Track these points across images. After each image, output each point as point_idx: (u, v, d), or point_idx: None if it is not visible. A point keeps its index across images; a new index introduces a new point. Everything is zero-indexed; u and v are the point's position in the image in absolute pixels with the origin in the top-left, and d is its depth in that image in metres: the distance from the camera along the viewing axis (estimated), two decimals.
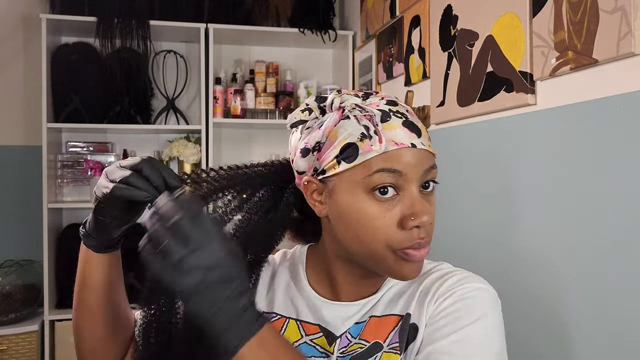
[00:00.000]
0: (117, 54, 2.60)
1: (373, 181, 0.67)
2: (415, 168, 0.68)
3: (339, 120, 0.70)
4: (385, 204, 0.68)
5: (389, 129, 0.68)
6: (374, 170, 0.67)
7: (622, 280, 1.06)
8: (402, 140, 0.68)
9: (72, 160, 2.73)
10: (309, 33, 2.79)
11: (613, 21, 1.06)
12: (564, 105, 1.23)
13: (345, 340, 0.74)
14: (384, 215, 0.68)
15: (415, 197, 0.68)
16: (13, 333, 2.42)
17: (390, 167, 0.67)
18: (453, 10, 1.72)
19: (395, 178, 0.67)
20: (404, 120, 0.69)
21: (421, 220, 0.67)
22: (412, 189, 0.68)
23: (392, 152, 0.67)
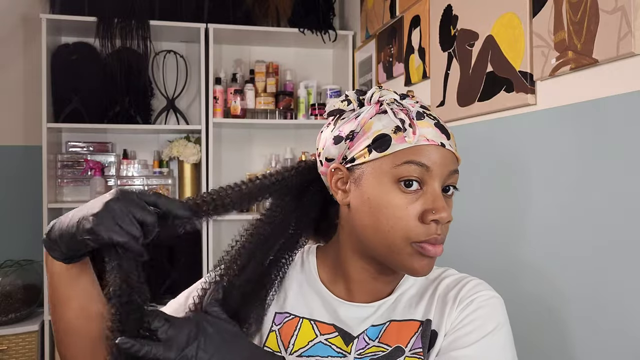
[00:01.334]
0: (117, 54, 2.60)
1: (400, 172, 0.70)
2: (441, 167, 0.71)
3: (375, 113, 0.73)
4: (408, 196, 0.70)
5: (423, 126, 0.71)
6: (403, 162, 0.70)
7: (621, 279, 1.06)
8: (433, 138, 0.71)
9: (72, 160, 2.73)
10: (309, 33, 2.79)
11: (613, 21, 1.06)
12: (564, 105, 1.23)
13: (363, 342, 0.75)
14: (407, 207, 0.70)
15: (438, 194, 0.70)
16: (13, 333, 2.42)
17: (419, 161, 0.69)
18: (453, 10, 1.72)
19: (422, 172, 0.70)
20: (436, 122, 0.73)
21: (440, 216, 0.69)
22: (435, 185, 0.71)
23: (422, 147, 0.70)
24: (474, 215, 1.61)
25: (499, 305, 0.75)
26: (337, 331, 0.76)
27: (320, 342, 0.76)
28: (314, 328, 0.77)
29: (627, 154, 1.05)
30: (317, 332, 0.76)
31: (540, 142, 1.32)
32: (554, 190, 1.26)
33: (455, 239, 1.70)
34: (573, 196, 1.20)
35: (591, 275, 1.14)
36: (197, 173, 2.78)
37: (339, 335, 0.75)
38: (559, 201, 1.24)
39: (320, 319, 0.78)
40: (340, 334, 0.76)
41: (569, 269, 1.20)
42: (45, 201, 2.46)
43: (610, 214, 1.09)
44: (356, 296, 0.79)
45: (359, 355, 0.74)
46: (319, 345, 0.75)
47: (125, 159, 2.79)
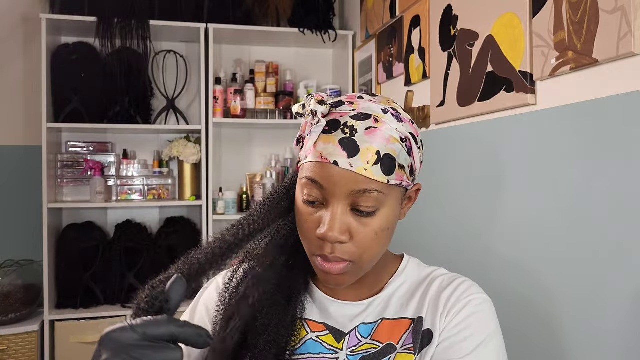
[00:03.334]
0: (117, 54, 2.61)
1: (303, 184, 0.71)
2: (338, 186, 0.68)
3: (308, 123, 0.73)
4: (312, 208, 0.71)
5: (325, 142, 0.68)
6: (304, 176, 0.71)
7: (621, 279, 1.06)
8: (327, 156, 0.68)
9: (72, 160, 2.73)
10: (309, 33, 2.79)
11: (613, 21, 1.06)
12: (564, 105, 1.23)
13: (355, 340, 0.76)
14: (308, 219, 0.71)
15: (333, 213, 0.69)
16: (13, 333, 2.42)
17: (312, 177, 0.69)
18: (453, 10, 1.72)
19: (318, 189, 0.69)
20: (345, 138, 0.68)
21: (324, 234, 0.68)
22: (335, 205, 0.69)
23: (317, 164, 0.69)
24: (474, 215, 1.61)
25: (491, 309, 0.76)
26: (327, 329, 0.77)
27: (311, 339, 0.76)
28: (304, 326, 0.78)
29: (627, 154, 1.05)
30: (307, 330, 0.77)
31: (540, 142, 1.32)
32: (554, 190, 1.26)
33: (455, 239, 1.70)
34: (573, 196, 1.20)
35: (591, 276, 1.14)
36: (197, 173, 2.78)
37: (330, 333, 0.76)
38: (559, 201, 1.24)
39: (311, 317, 0.78)
40: (331, 332, 0.76)
41: (569, 269, 1.20)
42: (45, 201, 2.46)
43: (610, 213, 1.09)
44: (347, 295, 0.79)
45: (352, 352, 0.74)
46: (310, 342, 0.76)
47: (125, 159, 2.79)
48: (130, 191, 2.74)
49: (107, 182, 2.71)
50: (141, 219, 2.83)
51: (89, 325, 2.51)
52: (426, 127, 1.91)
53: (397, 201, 0.72)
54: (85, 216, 2.77)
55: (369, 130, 0.68)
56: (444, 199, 1.79)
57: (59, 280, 2.59)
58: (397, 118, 0.71)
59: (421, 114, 1.93)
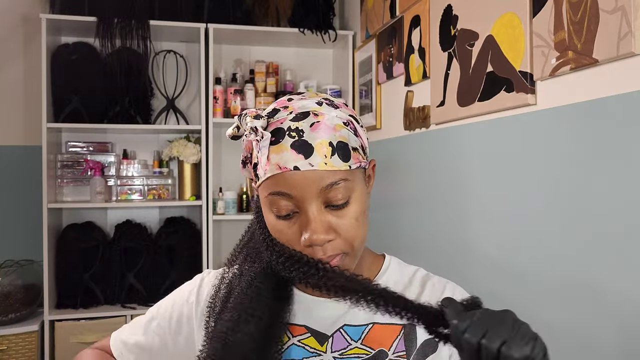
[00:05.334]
0: (117, 54, 2.61)
1: (270, 202, 0.70)
2: (305, 189, 0.67)
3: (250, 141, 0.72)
4: (286, 222, 0.70)
5: (278, 152, 0.68)
6: (267, 193, 0.69)
7: (621, 278, 1.06)
8: (285, 164, 0.67)
9: (72, 160, 2.73)
10: (309, 33, 2.79)
11: (613, 21, 1.06)
12: (564, 105, 1.23)
13: (342, 342, 0.74)
14: (286, 232, 0.70)
15: (311, 216, 0.68)
16: (13, 333, 2.42)
17: (278, 190, 0.68)
18: (453, 10, 1.72)
19: (288, 199, 0.68)
20: (295, 141, 0.67)
21: (311, 240, 0.67)
22: (309, 207, 0.68)
23: (276, 176, 0.68)
24: (474, 215, 1.61)
25: None
26: (309, 332, 0.75)
27: (293, 345, 0.75)
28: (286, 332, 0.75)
29: (627, 154, 1.05)
30: (289, 335, 0.75)
31: (540, 142, 1.32)
32: (554, 190, 1.26)
33: (454, 239, 1.70)
34: (573, 196, 1.19)
35: (591, 276, 1.14)
36: (197, 173, 2.78)
37: (312, 336, 0.75)
38: (559, 201, 1.24)
39: (292, 321, 0.76)
40: (312, 334, 0.75)
41: (569, 269, 1.20)
42: (45, 201, 2.46)
43: (610, 213, 1.09)
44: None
45: (340, 355, 0.73)
46: (293, 348, 0.74)
47: (125, 159, 2.79)
48: (130, 191, 2.74)
49: (107, 182, 2.71)
50: (141, 219, 2.83)
51: (89, 325, 2.51)
52: (426, 127, 1.91)
53: (362, 182, 0.72)
54: (85, 216, 2.77)
55: (313, 126, 0.68)
56: (443, 198, 1.79)
57: (58, 280, 2.59)
58: (333, 106, 0.72)
59: (421, 114, 1.93)
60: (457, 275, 0.86)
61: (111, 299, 2.61)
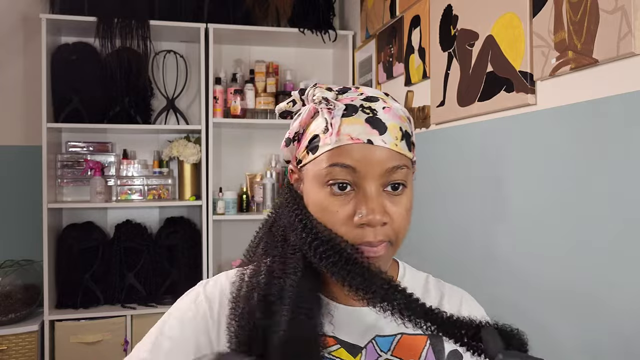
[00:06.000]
0: (117, 54, 2.60)
1: (328, 174, 0.66)
2: (372, 165, 0.65)
3: (313, 113, 0.70)
4: (340, 198, 0.66)
5: (350, 124, 0.66)
6: (328, 164, 0.66)
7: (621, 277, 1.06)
8: (358, 136, 0.65)
9: (72, 160, 2.73)
10: (309, 33, 2.79)
11: (613, 21, 1.06)
12: (564, 105, 1.23)
13: (374, 354, 0.71)
14: (337, 210, 0.66)
15: (370, 195, 0.65)
16: (13, 333, 2.42)
17: (342, 162, 0.65)
18: (453, 10, 1.72)
19: (349, 173, 0.66)
20: (370, 117, 0.67)
21: (368, 218, 0.64)
22: (368, 186, 0.66)
23: (345, 147, 0.66)
24: (474, 215, 1.61)
25: None
26: (339, 343, 0.70)
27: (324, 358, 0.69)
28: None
29: (627, 154, 1.05)
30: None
31: (540, 142, 1.32)
32: (554, 189, 1.26)
33: (454, 239, 1.70)
34: (573, 196, 1.19)
35: (591, 275, 1.14)
36: (197, 173, 2.77)
37: (342, 348, 0.70)
38: (559, 201, 1.24)
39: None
40: (343, 346, 0.70)
41: (570, 268, 1.20)
42: (45, 201, 2.46)
43: (610, 212, 1.09)
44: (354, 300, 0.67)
45: None
46: None
47: (125, 159, 2.79)
48: (130, 191, 2.74)
49: (107, 182, 2.71)
50: (141, 219, 2.83)
51: (89, 325, 2.51)
52: (426, 127, 1.91)
53: (411, 181, 0.71)
54: (85, 216, 2.77)
55: (385, 110, 0.68)
56: (443, 198, 1.79)
57: (58, 280, 2.59)
58: (395, 100, 0.73)
59: (421, 114, 1.93)
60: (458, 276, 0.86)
61: (111, 299, 2.61)
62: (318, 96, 0.69)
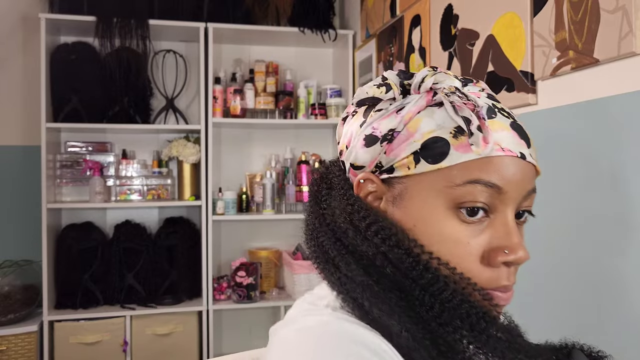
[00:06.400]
0: (116, 54, 2.60)
1: (462, 195, 0.50)
2: (518, 186, 0.52)
3: (426, 105, 0.53)
4: (470, 227, 0.51)
5: (496, 129, 0.52)
6: (467, 180, 0.50)
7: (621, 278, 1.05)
8: (509, 147, 0.51)
9: (71, 160, 2.73)
10: (309, 32, 2.78)
11: (614, 21, 1.05)
12: (565, 105, 1.22)
13: None
14: (468, 242, 0.51)
15: (511, 225, 0.53)
16: (12, 333, 2.42)
17: (489, 181, 0.51)
18: (454, 9, 1.71)
19: (492, 195, 0.51)
20: (513, 122, 0.54)
21: (517, 257, 0.52)
22: (508, 212, 0.53)
23: (495, 160, 0.51)
24: None
25: None
26: None
27: None
28: None
29: (628, 154, 1.04)
30: None
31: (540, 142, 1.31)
32: (554, 190, 1.25)
33: None
34: (573, 196, 1.19)
35: (591, 276, 1.13)
36: (196, 173, 2.77)
37: None
38: (559, 201, 1.23)
39: None
40: None
41: (569, 269, 1.20)
42: (45, 201, 2.46)
43: (610, 213, 1.08)
44: None
45: None
46: None
47: (125, 159, 2.79)
48: (129, 191, 2.73)
49: (106, 182, 2.70)
50: (140, 219, 2.82)
51: (88, 325, 2.51)
52: None
53: None
54: (85, 216, 2.76)
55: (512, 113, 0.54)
56: None
57: (58, 280, 2.58)
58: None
59: None
60: None
61: (110, 300, 2.61)
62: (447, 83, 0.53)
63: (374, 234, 0.52)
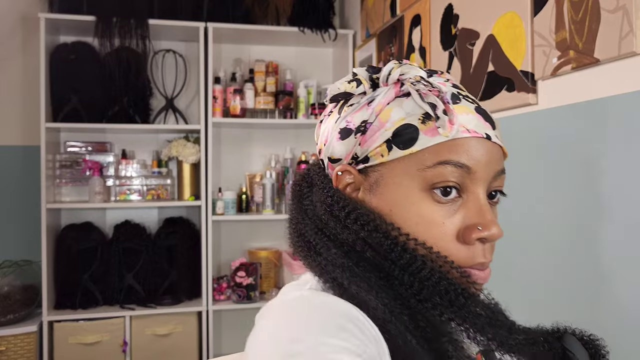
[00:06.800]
0: (115, 53, 2.59)
1: (433, 176, 0.53)
2: (487, 166, 0.55)
3: (394, 96, 0.56)
4: (445, 207, 0.54)
5: (461, 112, 0.55)
6: (437, 162, 0.53)
7: (621, 279, 1.05)
8: (475, 128, 0.54)
9: (71, 160, 2.72)
10: (308, 32, 2.78)
11: (614, 20, 1.05)
12: (565, 105, 1.22)
13: None
14: (443, 221, 0.54)
15: (483, 203, 0.55)
16: (12, 334, 2.41)
17: (458, 160, 0.53)
18: (454, 9, 1.70)
19: (462, 175, 0.54)
20: (477, 107, 0.56)
21: (490, 233, 0.54)
22: (479, 192, 0.55)
23: (462, 141, 0.53)
24: None
25: None
26: None
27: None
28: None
29: (628, 154, 1.04)
30: None
31: (541, 142, 1.31)
32: (554, 190, 1.25)
33: None
34: (574, 196, 1.19)
35: (591, 277, 1.13)
36: (196, 173, 2.76)
37: None
38: (560, 201, 1.23)
39: None
40: None
41: (568, 268, 1.19)
42: (44, 201, 2.45)
43: (610, 213, 1.08)
44: None
45: None
46: None
47: (124, 159, 2.78)
48: (129, 191, 2.73)
49: (106, 182, 2.70)
50: (140, 219, 2.82)
51: (88, 326, 2.50)
52: None
53: None
54: (84, 216, 2.76)
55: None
56: None
57: (57, 280, 2.58)
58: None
59: None
60: None
61: (110, 300, 2.60)
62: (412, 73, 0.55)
63: (353, 222, 0.55)
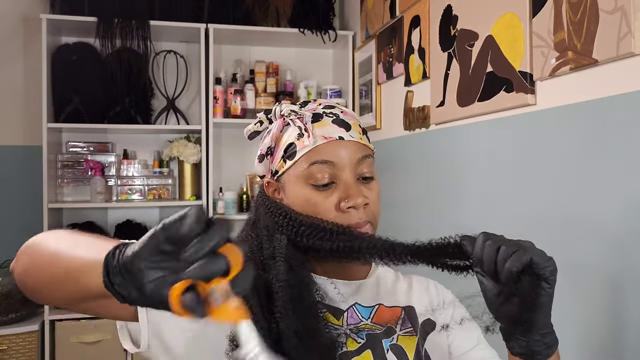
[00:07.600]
0: (117, 54, 2.61)
1: (310, 173, 0.77)
2: (346, 158, 0.77)
3: (282, 126, 0.81)
4: (324, 192, 0.77)
5: (320, 127, 0.78)
6: (310, 163, 0.77)
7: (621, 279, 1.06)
8: (330, 135, 0.78)
9: (73, 160, 2.73)
10: (309, 33, 2.79)
11: (613, 21, 1.06)
12: (564, 106, 1.23)
13: (356, 317, 0.80)
14: (324, 201, 0.77)
15: (349, 183, 0.77)
16: (13, 333, 2.42)
17: (321, 159, 0.77)
18: (453, 10, 1.72)
19: (329, 168, 0.77)
20: (335, 119, 0.80)
21: (355, 202, 0.76)
22: (345, 176, 0.77)
23: (321, 146, 0.77)
24: (473, 215, 1.61)
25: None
26: (325, 307, 0.78)
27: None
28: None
29: (627, 154, 1.05)
30: None
31: (540, 142, 1.32)
32: (553, 190, 1.26)
33: None
34: (573, 196, 1.19)
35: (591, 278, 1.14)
36: (197, 173, 2.78)
37: (328, 311, 0.79)
38: (558, 201, 1.24)
39: None
40: (329, 309, 0.79)
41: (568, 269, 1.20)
42: (46, 201, 2.46)
43: (610, 213, 1.09)
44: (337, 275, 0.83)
45: (354, 328, 0.79)
46: None
47: (126, 159, 2.79)
48: (130, 191, 2.74)
49: (108, 182, 2.71)
50: (141, 219, 2.83)
51: (89, 325, 2.51)
52: (426, 127, 1.91)
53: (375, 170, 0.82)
54: (86, 216, 2.77)
55: (344, 113, 0.82)
56: (443, 198, 1.79)
57: None
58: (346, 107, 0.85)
59: (421, 114, 1.93)
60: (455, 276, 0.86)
61: None
62: (286, 109, 0.80)
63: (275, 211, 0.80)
